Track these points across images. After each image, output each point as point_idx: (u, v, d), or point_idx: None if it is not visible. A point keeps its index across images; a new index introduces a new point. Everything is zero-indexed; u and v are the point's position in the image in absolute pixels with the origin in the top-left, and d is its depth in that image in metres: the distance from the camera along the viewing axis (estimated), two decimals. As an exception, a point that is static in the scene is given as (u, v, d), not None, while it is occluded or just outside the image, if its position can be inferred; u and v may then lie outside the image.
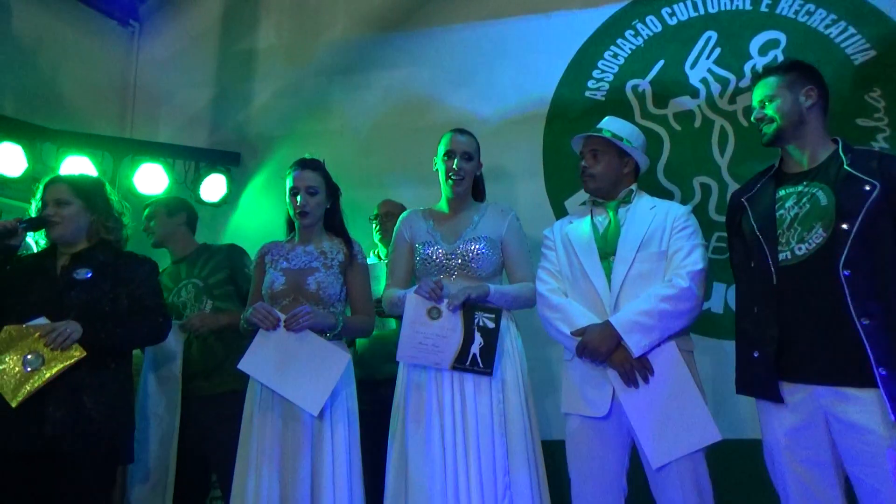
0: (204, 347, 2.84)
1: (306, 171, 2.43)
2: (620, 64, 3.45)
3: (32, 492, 2.13)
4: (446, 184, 2.46)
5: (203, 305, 2.89)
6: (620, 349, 2.08)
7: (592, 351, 2.09)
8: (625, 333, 2.07)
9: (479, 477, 2.17)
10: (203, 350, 2.84)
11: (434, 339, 2.23)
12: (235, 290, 2.91)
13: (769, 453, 1.97)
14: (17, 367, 2.10)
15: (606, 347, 2.08)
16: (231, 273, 2.92)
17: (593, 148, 2.31)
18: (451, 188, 2.45)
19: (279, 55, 4.05)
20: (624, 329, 2.07)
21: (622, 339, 2.07)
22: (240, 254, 3.00)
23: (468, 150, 2.45)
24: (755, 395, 2.00)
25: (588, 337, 2.10)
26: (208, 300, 2.88)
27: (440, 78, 3.70)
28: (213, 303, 2.88)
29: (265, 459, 2.25)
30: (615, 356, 2.09)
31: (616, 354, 2.08)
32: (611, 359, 2.09)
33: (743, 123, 3.21)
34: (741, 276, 2.10)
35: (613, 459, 2.14)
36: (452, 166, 2.43)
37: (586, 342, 2.10)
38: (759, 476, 2.02)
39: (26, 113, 3.59)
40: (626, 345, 2.07)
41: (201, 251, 3.02)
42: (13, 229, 2.24)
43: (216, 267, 2.93)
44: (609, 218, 2.28)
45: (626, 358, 2.08)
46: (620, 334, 2.07)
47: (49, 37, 3.82)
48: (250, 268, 2.89)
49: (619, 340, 2.08)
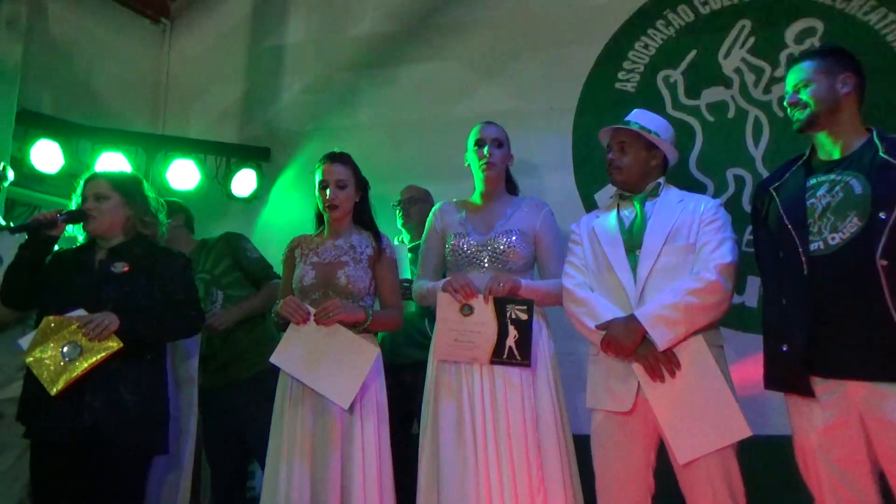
0: (225, 340, 2.88)
1: (336, 165, 2.45)
2: (651, 55, 3.40)
3: (71, 480, 2.18)
4: (479, 172, 2.46)
5: (214, 298, 2.92)
6: (645, 343, 2.04)
7: (617, 345, 2.05)
8: (650, 326, 2.02)
9: (511, 472, 2.16)
10: (225, 340, 2.88)
11: (469, 336, 2.22)
12: (242, 274, 2.95)
13: (801, 452, 1.92)
14: (57, 356, 2.15)
15: (631, 341, 2.04)
16: (234, 259, 2.96)
17: (621, 140, 2.28)
18: (483, 174, 2.44)
19: (308, 51, 4.07)
20: (649, 322, 2.03)
21: (647, 333, 2.03)
22: (236, 238, 3.03)
23: (498, 138, 2.46)
24: (785, 391, 1.94)
25: (612, 331, 2.06)
26: (218, 291, 2.92)
27: (468, 71, 3.69)
28: (223, 292, 2.91)
29: (296, 453, 2.27)
30: (640, 350, 2.04)
31: (641, 348, 2.04)
32: (635, 352, 2.05)
33: (778, 114, 3.14)
34: (767, 267, 2.04)
35: (639, 455, 2.10)
36: (483, 153, 2.43)
37: (611, 336, 2.06)
38: (791, 475, 1.98)
39: (63, 111, 3.68)
40: (651, 338, 2.03)
41: (201, 246, 3.04)
42: (52, 220, 2.30)
43: (218, 257, 2.96)
44: (636, 211, 2.25)
45: (652, 352, 2.03)
46: (645, 327, 2.03)
47: (84, 36, 3.90)
48: (250, 249, 2.96)
49: (645, 334, 2.03)
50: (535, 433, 2.20)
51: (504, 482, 2.15)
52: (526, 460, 2.17)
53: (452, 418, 2.24)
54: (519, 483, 2.15)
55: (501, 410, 2.21)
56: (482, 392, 2.24)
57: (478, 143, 2.45)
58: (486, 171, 2.44)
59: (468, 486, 2.16)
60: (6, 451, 2.48)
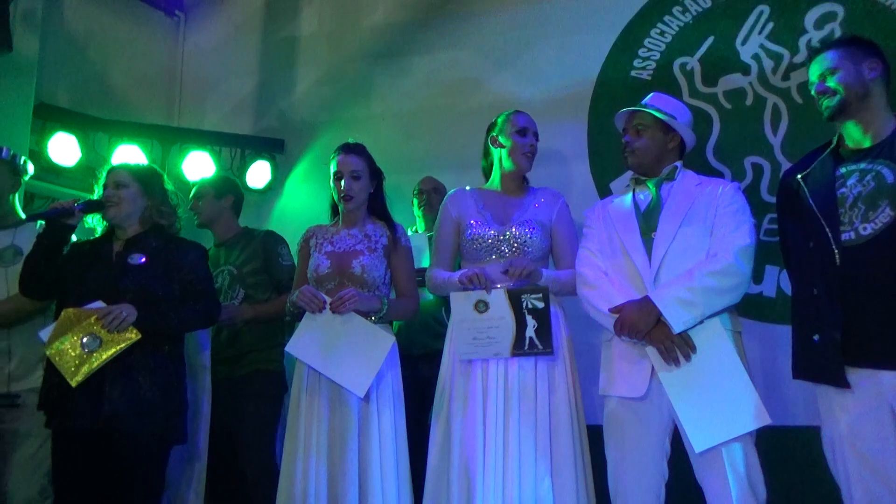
0: (232, 335, 2.90)
1: (350, 156, 2.44)
2: (668, 42, 3.36)
3: (91, 468, 2.21)
4: (517, 159, 2.43)
5: (235, 294, 2.92)
6: (660, 325, 1.98)
7: (630, 327, 2.00)
8: (665, 308, 1.97)
9: (517, 460, 2.15)
10: (230, 337, 2.90)
11: (487, 332, 2.21)
12: (268, 278, 2.93)
13: (829, 442, 1.89)
14: (77, 348, 2.18)
15: (645, 323, 1.99)
16: (265, 261, 2.94)
17: (637, 123, 2.25)
18: (524, 164, 2.44)
19: (321, 42, 4.07)
20: (664, 304, 1.98)
21: (662, 315, 1.97)
22: (275, 242, 3.00)
23: (536, 130, 2.46)
24: (816, 381, 1.91)
25: (626, 313, 2.01)
26: (241, 289, 2.92)
27: (482, 61, 3.67)
28: (245, 291, 2.91)
29: (313, 443, 2.28)
30: (654, 332, 1.99)
31: (655, 331, 1.99)
32: (650, 335, 2.00)
33: (797, 100, 3.09)
34: (796, 257, 2.01)
35: (653, 443, 2.06)
36: (529, 143, 2.43)
37: (624, 318, 2.01)
38: (811, 465, 1.95)
39: (79, 104, 3.71)
40: (665, 320, 1.97)
41: (241, 236, 3.05)
42: (70, 209, 2.32)
43: (252, 255, 2.95)
44: (651, 194, 2.21)
45: (667, 334, 1.98)
46: (660, 309, 1.97)
47: (99, 29, 3.92)
48: (284, 256, 2.92)
49: (659, 316, 1.98)
50: (545, 421, 2.19)
51: (508, 470, 2.15)
52: (533, 448, 2.16)
53: (466, 406, 2.24)
54: (524, 471, 2.14)
55: (513, 399, 2.20)
56: (496, 380, 2.23)
57: (521, 131, 2.43)
58: (529, 161, 2.44)
59: (477, 473, 2.15)
60: (29, 439, 2.51)
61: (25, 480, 2.51)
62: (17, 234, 2.54)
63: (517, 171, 2.45)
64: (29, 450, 2.51)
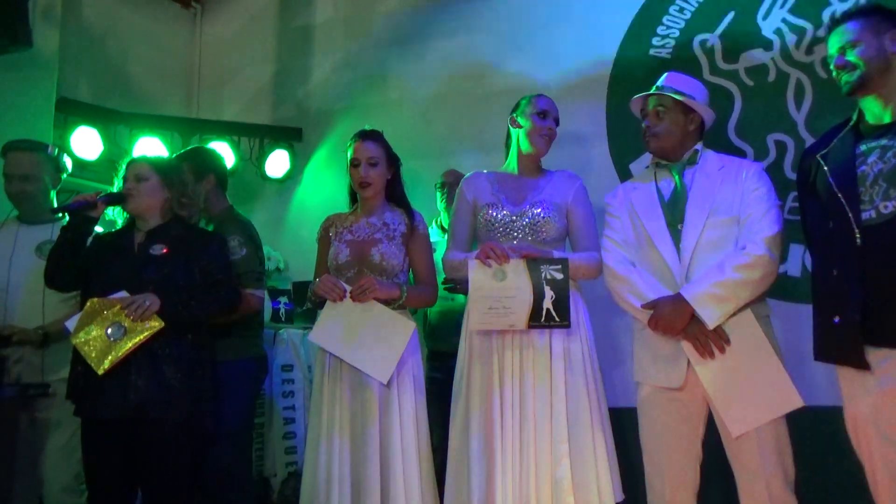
0: None
1: (367, 143, 2.44)
2: (687, 18, 3.30)
3: (122, 456, 2.26)
4: (535, 141, 2.41)
5: None
6: (694, 321, 2.02)
7: (665, 325, 2.03)
8: (698, 306, 2.00)
9: (534, 445, 2.16)
10: None
11: (503, 302, 2.17)
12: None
13: (852, 423, 1.88)
14: (102, 337, 2.22)
15: (681, 321, 2.02)
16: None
17: (657, 106, 2.22)
18: (542, 147, 2.42)
19: (337, 28, 4.06)
20: (697, 302, 2.00)
21: (696, 312, 2.01)
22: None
23: (558, 116, 2.45)
24: (837, 362, 1.90)
25: (660, 311, 2.04)
26: None
27: (498, 44, 3.63)
28: None
29: (336, 428, 2.31)
30: (689, 328, 2.02)
31: (690, 327, 2.02)
32: (684, 331, 2.03)
33: (821, 75, 3.02)
34: (817, 237, 1.98)
35: (689, 428, 2.09)
36: (548, 126, 2.41)
37: (659, 316, 2.04)
38: (836, 445, 1.94)
39: (100, 98, 3.75)
40: (700, 317, 2.00)
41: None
42: (92, 202, 2.37)
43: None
44: (675, 182, 2.19)
45: (701, 330, 2.01)
46: (694, 307, 2.00)
47: (118, 23, 3.95)
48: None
49: (693, 313, 2.01)
50: (563, 403, 2.18)
51: (526, 453, 2.15)
52: (549, 432, 2.16)
53: (483, 391, 2.24)
54: (539, 453, 2.15)
55: (529, 380, 2.20)
56: (513, 365, 2.23)
57: (541, 113, 2.41)
58: (546, 144, 2.42)
59: (493, 457, 2.16)
60: (61, 427, 2.57)
61: (60, 467, 2.58)
62: (55, 228, 2.59)
63: (534, 153, 2.43)
64: (62, 438, 2.58)
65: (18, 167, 2.70)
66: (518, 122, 2.44)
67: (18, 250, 2.65)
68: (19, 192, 2.71)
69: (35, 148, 2.77)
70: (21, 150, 2.73)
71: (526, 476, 2.14)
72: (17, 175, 2.70)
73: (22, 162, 2.70)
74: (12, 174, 2.71)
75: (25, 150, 2.73)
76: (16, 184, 2.70)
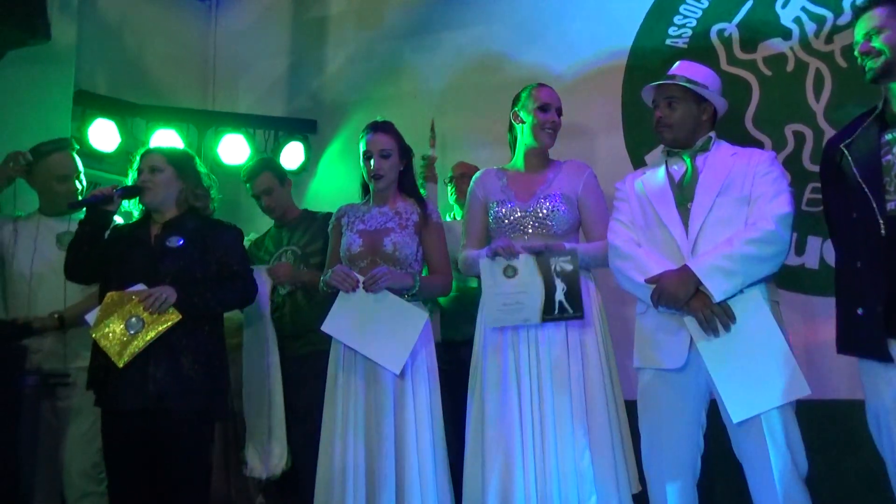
0: (294, 310, 2.93)
1: (378, 135, 2.44)
2: (704, 7, 3.26)
3: (141, 447, 2.29)
4: (539, 134, 2.40)
5: None
6: (699, 295, 1.95)
7: (669, 296, 1.96)
8: (704, 277, 1.93)
9: (554, 436, 2.15)
10: (294, 312, 2.93)
11: (516, 297, 2.19)
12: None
13: (875, 417, 1.85)
14: (122, 330, 2.25)
15: (685, 292, 1.95)
16: (326, 242, 2.96)
17: (669, 96, 2.19)
18: (546, 140, 2.40)
19: (350, 20, 4.06)
20: (703, 273, 1.94)
21: (702, 284, 1.94)
22: None
23: (560, 106, 2.42)
24: (860, 355, 1.87)
25: (664, 282, 1.97)
26: (304, 268, 2.94)
27: (512, 34, 3.61)
28: (309, 270, 2.92)
29: (350, 420, 2.32)
30: (693, 302, 1.95)
31: (695, 300, 1.95)
32: (689, 304, 1.96)
33: (841, 65, 2.97)
34: (840, 228, 1.95)
35: (689, 414, 2.04)
36: (551, 119, 2.39)
37: (662, 287, 1.97)
38: (854, 438, 1.92)
39: (117, 90, 3.77)
40: (705, 289, 1.94)
41: (302, 218, 3.06)
42: (109, 195, 2.39)
43: (314, 236, 2.96)
44: (686, 165, 2.16)
45: (706, 303, 1.94)
46: (700, 278, 1.94)
47: (134, 16, 3.97)
48: None
49: (698, 285, 1.95)
50: (580, 395, 2.18)
51: (547, 448, 2.15)
52: (570, 425, 2.16)
53: (498, 384, 2.24)
54: (562, 448, 2.15)
55: (546, 376, 2.20)
56: (528, 357, 2.23)
57: (543, 107, 2.39)
58: (551, 138, 2.40)
59: (512, 450, 2.16)
60: (81, 415, 2.61)
61: (80, 454, 2.62)
62: (72, 220, 2.64)
63: (539, 147, 2.42)
64: (82, 426, 2.62)
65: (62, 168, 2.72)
66: (521, 118, 2.42)
67: (40, 242, 2.69)
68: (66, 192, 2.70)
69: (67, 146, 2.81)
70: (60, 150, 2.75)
71: (549, 470, 2.14)
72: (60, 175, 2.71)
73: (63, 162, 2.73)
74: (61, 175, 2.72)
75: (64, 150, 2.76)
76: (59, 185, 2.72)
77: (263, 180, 3.02)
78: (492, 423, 2.22)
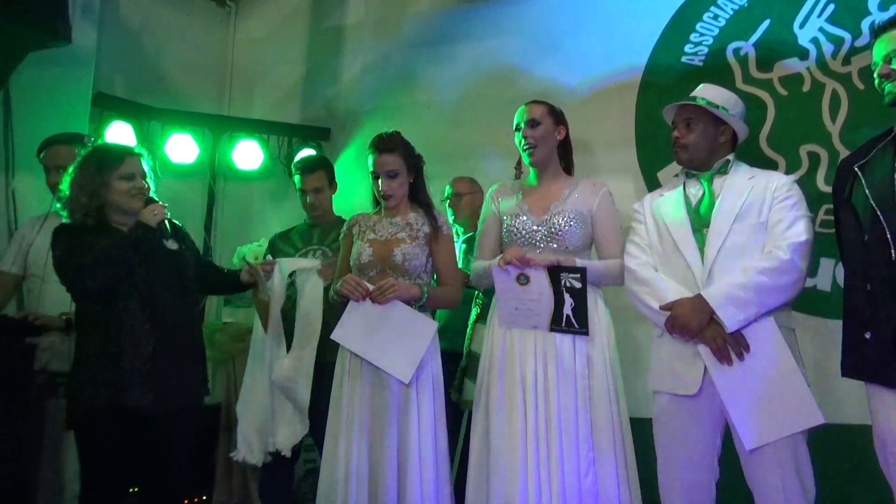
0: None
1: (384, 156, 2.43)
2: (721, 26, 3.25)
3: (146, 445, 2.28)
4: (524, 153, 2.42)
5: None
6: (713, 324, 1.97)
7: (682, 325, 1.99)
8: (718, 307, 1.95)
9: (560, 452, 2.15)
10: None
11: (528, 304, 2.24)
12: None
13: (881, 442, 1.83)
14: None
15: (698, 322, 1.97)
16: None
17: (687, 117, 2.19)
18: (528, 157, 2.41)
19: (367, 30, 4.09)
20: (717, 302, 1.96)
21: (715, 313, 1.96)
22: None
23: (533, 118, 2.39)
24: (866, 379, 1.85)
25: (678, 311, 2.00)
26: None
27: (527, 47, 3.62)
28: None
29: (354, 426, 2.32)
30: (707, 331, 1.98)
31: (708, 329, 1.97)
32: (702, 334, 1.98)
33: (858, 86, 2.95)
34: (851, 251, 1.94)
35: (704, 440, 2.05)
36: (524, 136, 2.39)
37: (676, 316, 2.00)
38: (863, 463, 1.89)
39: (134, 93, 3.82)
40: (719, 319, 1.96)
41: (337, 223, 2.97)
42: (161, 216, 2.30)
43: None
44: (703, 189, 2.16)
45: (719, 333, 1.96)
46: (713, 308, 1.96)
47: (153, 20, 4.02)
48: None
49: (712, 314, 1.97)
50: (586, 413, 2.18)
51: (552, 463, 2.14)
52: (575, 441, 2.15)
53: (504, 398, 2.24)
54: (567, 464, 2.14)
55: (553, 391, 2.20)
56: (535, 371, 2.22)
57: (516, 127, 2.42)
58: (529, 157, 2.40)
59: (517, 466, 2.15)
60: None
61: (77, 456, 2.63)
62: None
63: (529, 164, 2.43)
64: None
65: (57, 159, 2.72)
66: (514, 141, 2.45)
67: None
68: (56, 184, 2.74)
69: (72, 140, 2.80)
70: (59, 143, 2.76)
71: (554, 485, 2.13)
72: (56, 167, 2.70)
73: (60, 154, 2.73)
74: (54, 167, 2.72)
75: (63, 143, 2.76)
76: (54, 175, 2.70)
77: (318, 177, 3.00)
78: (497, 437, 2.22)
